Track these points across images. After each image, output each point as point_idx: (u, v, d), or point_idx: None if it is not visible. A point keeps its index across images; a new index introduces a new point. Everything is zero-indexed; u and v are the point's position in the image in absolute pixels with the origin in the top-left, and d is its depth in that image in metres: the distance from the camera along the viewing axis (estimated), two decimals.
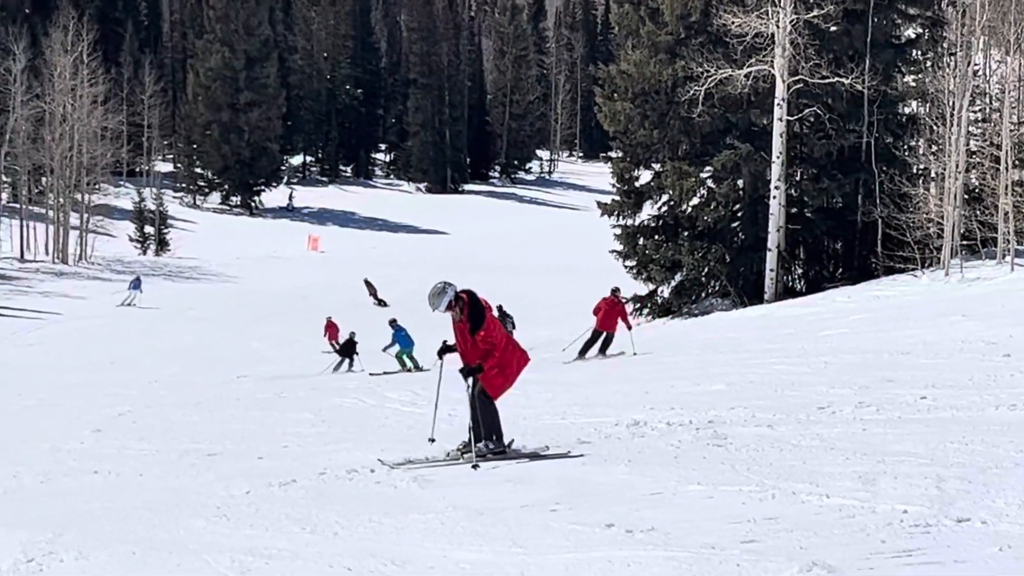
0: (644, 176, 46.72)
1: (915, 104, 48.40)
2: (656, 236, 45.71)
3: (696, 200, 45.12)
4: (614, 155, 48.90)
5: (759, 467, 10.60)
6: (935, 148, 44.90)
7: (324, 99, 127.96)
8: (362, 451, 13.25)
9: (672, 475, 10.40)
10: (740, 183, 44.91)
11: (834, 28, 43.07)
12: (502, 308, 34.76)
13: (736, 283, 44.35)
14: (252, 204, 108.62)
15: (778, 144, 41.90)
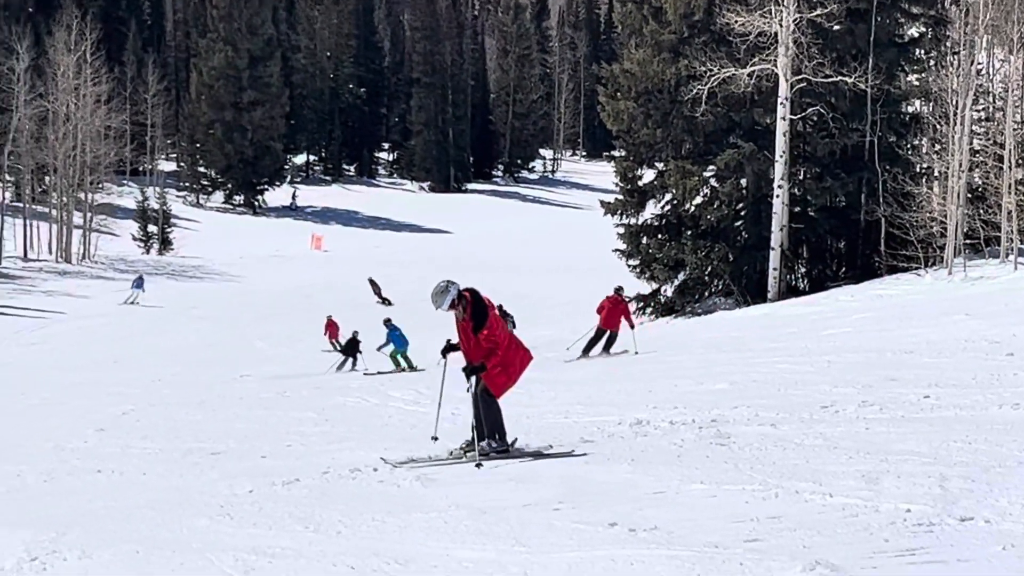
0: (647, 175, 46.72)
1: (918, 103, 48.43)
2: (659, 235, 45.74)
3: (699, 199, 45.15)
4: (617, 154, 48.90)
5: (762, 466, 10.60)
6: (938, 147, 44.91)
7: (327, 98, 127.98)
8: (365, 450, 13.24)
9: (675, 474, 10.40)
10: (743, 182, 44.93)
11: (837, 27, 43.05)
12: (502, 307, 34.73)
13: (739, 282, 44.34)
14: (255, 203, 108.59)
15: (781, 143, 41.89)
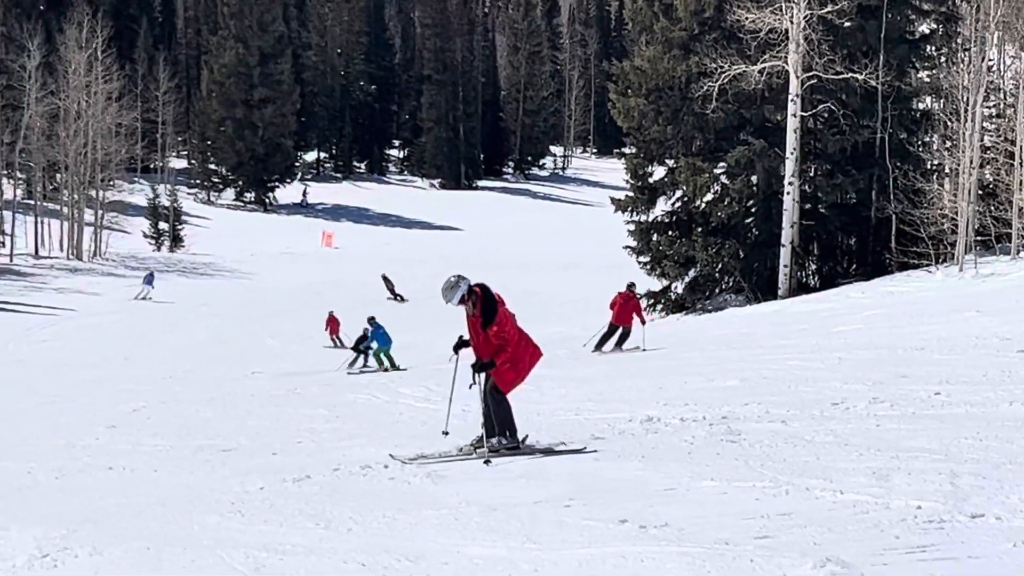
0: (658, 172, 46.68)
1: (929, 100, 48.31)
2: (670, 232, 45.69)
3: (710, 196, 45.11)
4: (628, 151, 48.87)
5: (773, 463, 10.60)
6: (949, 144, 44.82)
7: (338, 95, 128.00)
8: (376, 447, 13.25)
9: (686, 471, 10.40)
10: (754, 179, 44.88)
11: (848, 24, 43.02)
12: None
13: (750, 279, 44.30)
14: (266, 200, 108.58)
15: (792, 140, 41.86)
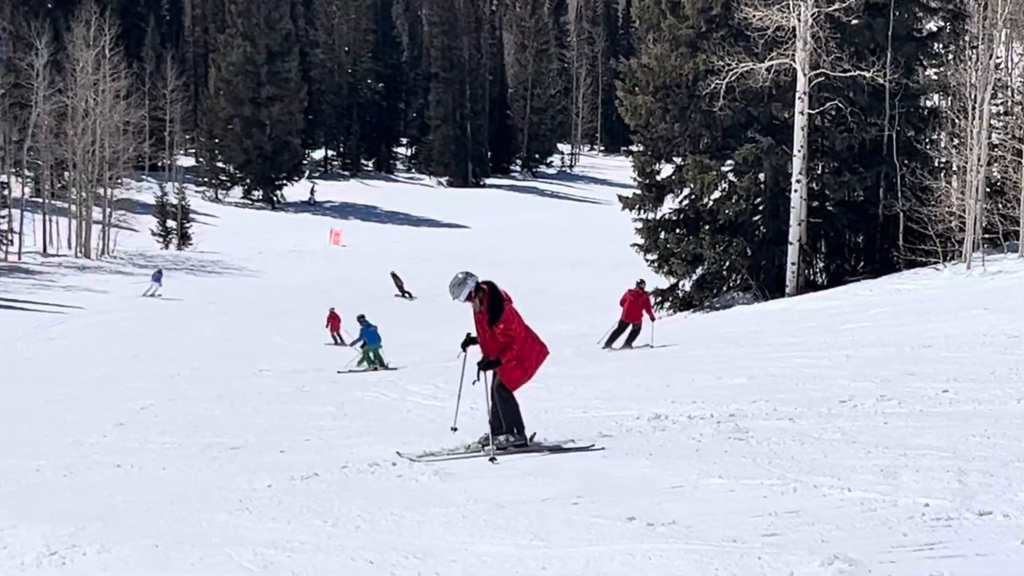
0: (665, 170, 46.64)
1: (937, 97, 48.23)
2: (677, 230, 45.67)
3: (717, 194, 45.07)
4: (635, 149, 48.82)
5: (780, 460, 10.59)
6: (957, 141, 44.71)
7: (345, 93, 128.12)
8: (384, 445, 13.26)
9: (693, 468, 10.40)
10: (761, 177, 44.86)
11: (855, 21, 42.95)
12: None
13: (757, 277, 44.27)
14: (274, 198, 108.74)
15: (799, 137, 41.82)
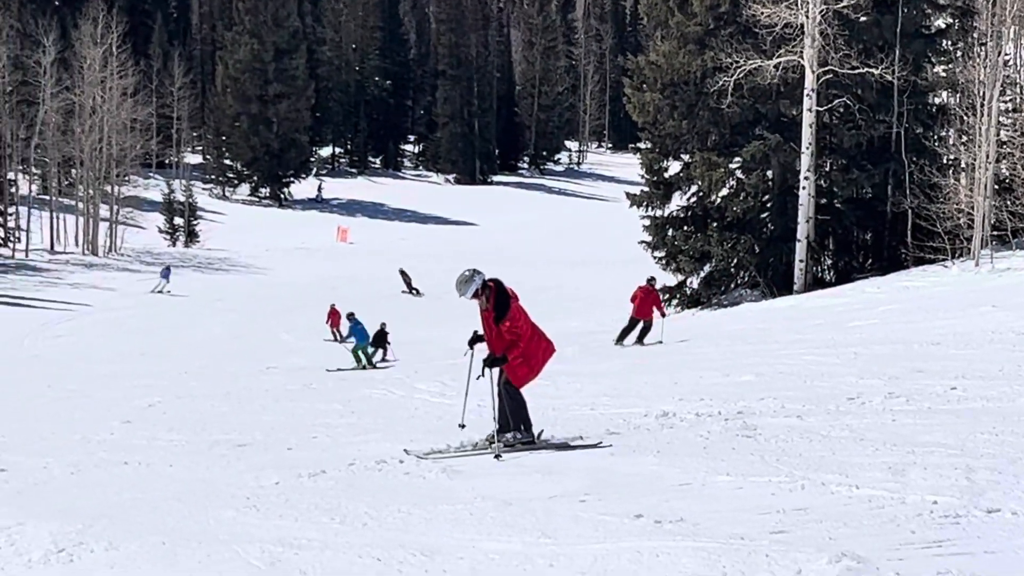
0: (673, 167, 46.66)
1: (945, 94, 48.11)
2: (685, 227, 45.69)
3: (725, 191, 45.05)
4: (643, 146, 48.80)
5: (788, 458, 10.58)
6: (965, 138, 44.65)
7: (353, 90, 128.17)
8: (391, 442, 13.26)
9: (701, 466, 10.38)
10: (769, 174, 44.84)
11: (864, 18, 42.92)
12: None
13: (765, 274, 44.26)
14: (281, 196, 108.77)
15: (807, 135, 41.77)
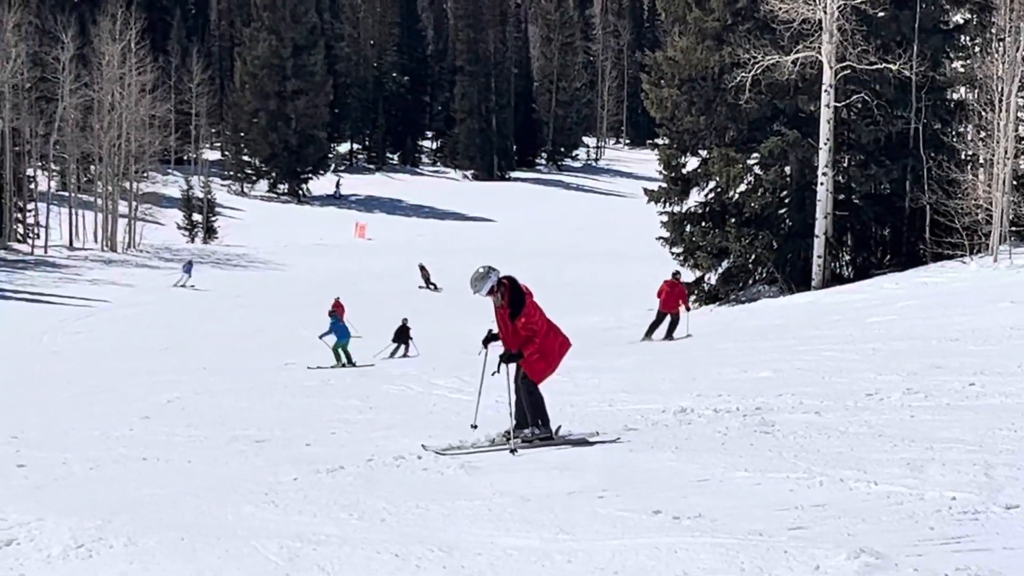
0: (691, 163, 46.65)
1: (963, 90, 47.99)
2: (703, 223, 45.64)
3: (743, 187, 45.03)
4: (661, 142, 48.83)
5: (807, 454, 10.56)
6: (983, 134, 44.50)
7: (371, 87, 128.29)
8: (409, 438, 13.25)
9: (719, 462, 10.37)
10: (787, 170, 44.78)
11: (882, 14, 42.79)
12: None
13: (783, 270, 44.20)
14: (299, 192, 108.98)
15: (825, 130, 41.71)
